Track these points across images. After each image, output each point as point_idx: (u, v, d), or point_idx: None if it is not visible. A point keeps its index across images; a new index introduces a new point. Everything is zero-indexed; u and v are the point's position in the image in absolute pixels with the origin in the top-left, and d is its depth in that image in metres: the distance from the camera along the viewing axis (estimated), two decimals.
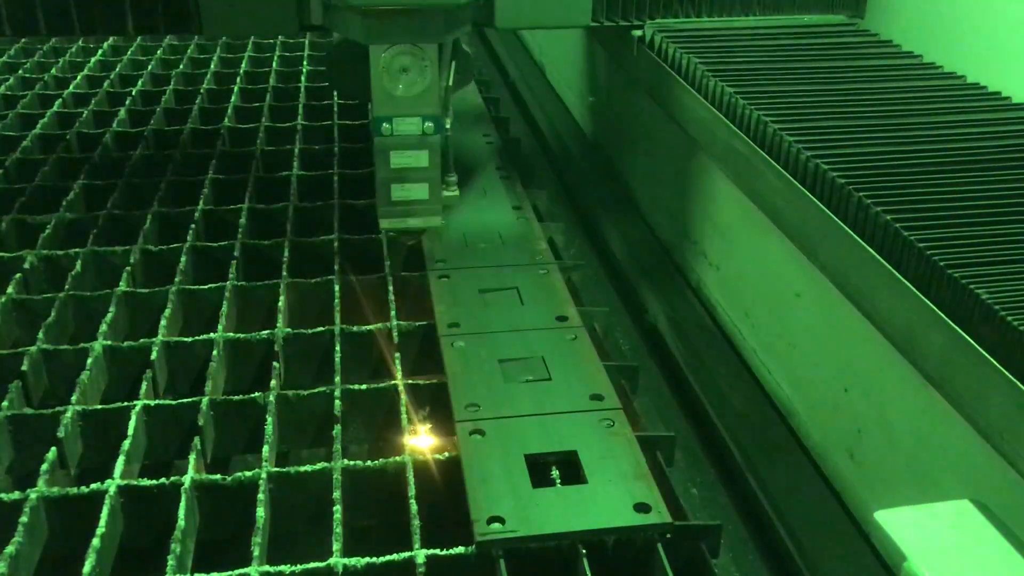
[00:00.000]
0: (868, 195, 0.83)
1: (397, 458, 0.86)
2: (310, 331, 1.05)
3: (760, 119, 0.99)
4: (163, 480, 0.83)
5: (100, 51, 2.06)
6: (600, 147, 1.75)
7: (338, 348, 1.02)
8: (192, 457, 0.87)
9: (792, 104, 1.04)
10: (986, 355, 0.65)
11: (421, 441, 0.93)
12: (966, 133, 0.97)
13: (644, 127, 1.46)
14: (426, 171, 1.08)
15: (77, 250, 1.21)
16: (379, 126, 1.06)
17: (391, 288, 1.14)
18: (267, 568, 0.74)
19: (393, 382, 0.97)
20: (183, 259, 1.19)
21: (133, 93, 1.80)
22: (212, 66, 1.96)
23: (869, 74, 1.14)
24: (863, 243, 0.80)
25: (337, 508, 0.80)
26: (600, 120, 1.75)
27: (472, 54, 1.13)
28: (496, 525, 0.76)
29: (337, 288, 1.13)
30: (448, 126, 1.10)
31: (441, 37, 1.02)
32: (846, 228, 0.82)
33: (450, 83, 1.08)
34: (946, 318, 0.69)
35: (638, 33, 1.28)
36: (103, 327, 1.05)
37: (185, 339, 1.04)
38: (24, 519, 0.79)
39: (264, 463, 0.86)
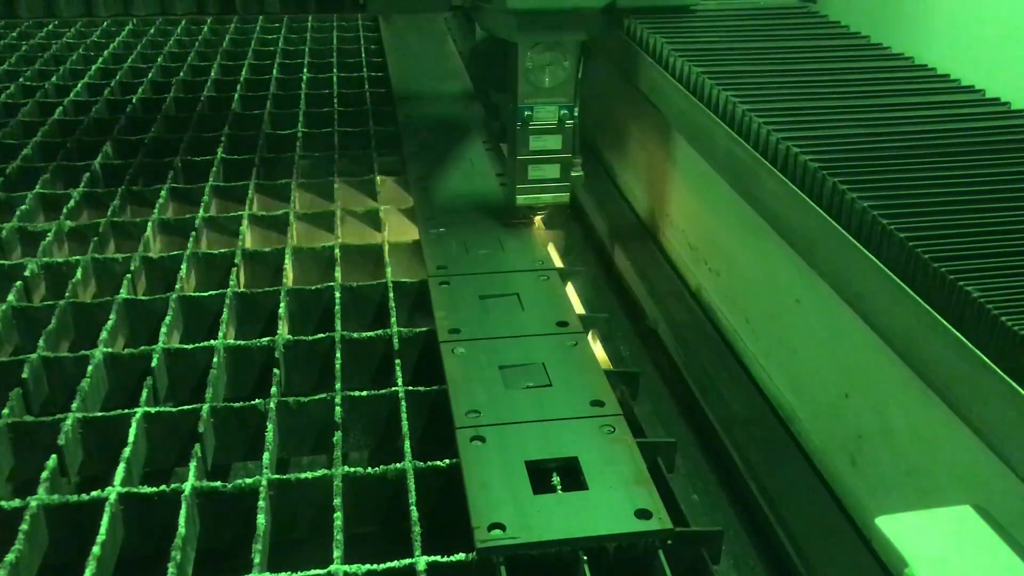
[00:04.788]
0: (843, 181, 0.84)
1: (398, 465, 0.86)
2: (310, 338, 1.05)
3: (729, 99, 1.03)
4: (163, 487, 0.83)
5: (100, 58, 2.07)
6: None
7: (339, 355, 1.02)
8: (192, 464, 0.87)
9: (756, 84, 1.08)
10: (986, 360, 0.65)
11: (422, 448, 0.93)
12: (925, 116, 1.00)
13: (622, 108, 1.49)
14: (559, 153, 1.23)
15: (78, 257, 1.21)
16: (522, 113, 1.20)
17: (391, 295, 1.14)
18: (268, 575, 0.74)
19: (394, 389, 0.97)
20: (183, 266, 1.19)
21: (133, 100, 1.80)
22: (212, 73, 1.97)
23: (825, 54, 1.19)
24: (863, 248, 0.80)
25: (338, 515, 0.80)
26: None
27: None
28: (497, 532, 0.76)
29: (338, 295, 1.13)
30: (576, 115, 1.23)
31: (582, 35, 1.19)
32: (847, 233, 0.82)
33: (580, 76, 1.21)
34: (946, 323, 0.69)
35: None
36: (103, 334, 1.05)
37: (185, 346, 1.04)
38: (24, 527, 0.78)
39: (265, 470, 0.86)
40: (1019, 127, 0.98)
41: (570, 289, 1.23)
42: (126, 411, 0.93)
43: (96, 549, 0.76)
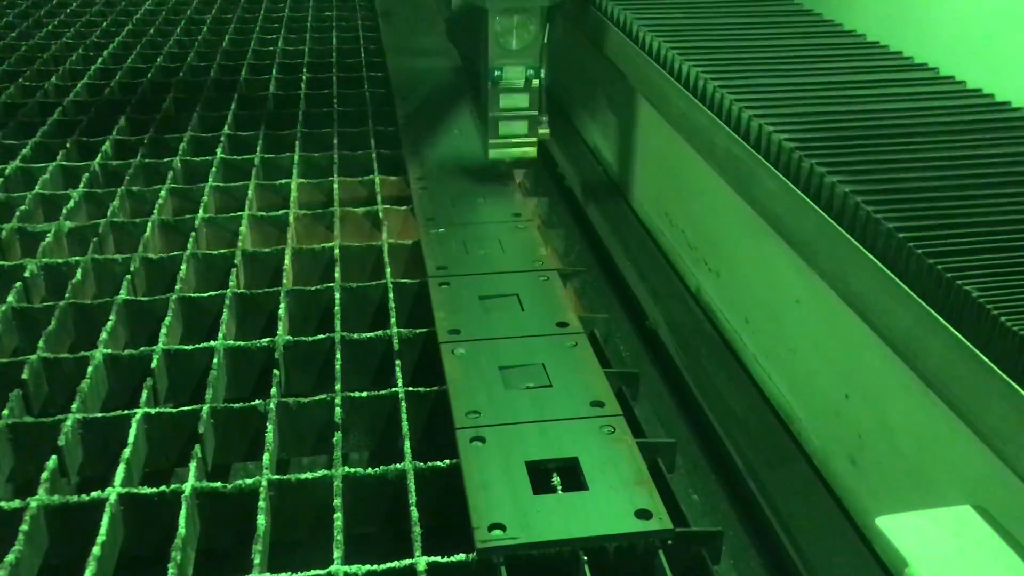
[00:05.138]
0: (820, 163, 0.87)
1: (398, 465, 0.86)
2: (310, 339, 1.05)
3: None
4: (163, 488, 0.83)
5: (100, 59, 2.07)
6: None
7: (338, 355, 1.02)
8: (193, 465, 0.87)
9: (725, 60, 1.16)
10: (986, 360, 0.65)
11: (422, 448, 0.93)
12: (888, 94, 1.06)
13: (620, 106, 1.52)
14: (526, 111, 1.35)
15: (78, 258, 1.21)
16: (492, 74, 1.32)
17: (391, 295, 1.14)
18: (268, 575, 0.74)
19: (394, 389, 0.97)
20: (183, 267, 1.19)
21: (133, 101, 1.80)
22: (212, 73, 1.97)
23: (774, 30, 1.28)
24: (863, 248, 0.80)
25: (338, 515, 0.80)
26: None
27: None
28: (497, 532, 0.76)
29: (337, 296, 1.13)
30: (543, 75, 1.34)
31: (548, 0, 1.29)
32: (847, 234, 0.82)
33: (546, 40, 1.31)
34: (946, 323, 0.70)
35: None
36: (103, 335, 1.05)
37: (185, 347, 1.04)
38: (24, 527, 0.79)
39: (265, 471, 0.86)
40: (976, 107, 1.03)
41: (570, 290, 1.23)
42: (126, 412, 0.93)
43: (96, 549, 0.76)
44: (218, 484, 0.84)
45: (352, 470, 0.85)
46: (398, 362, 1.01)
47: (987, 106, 1.04)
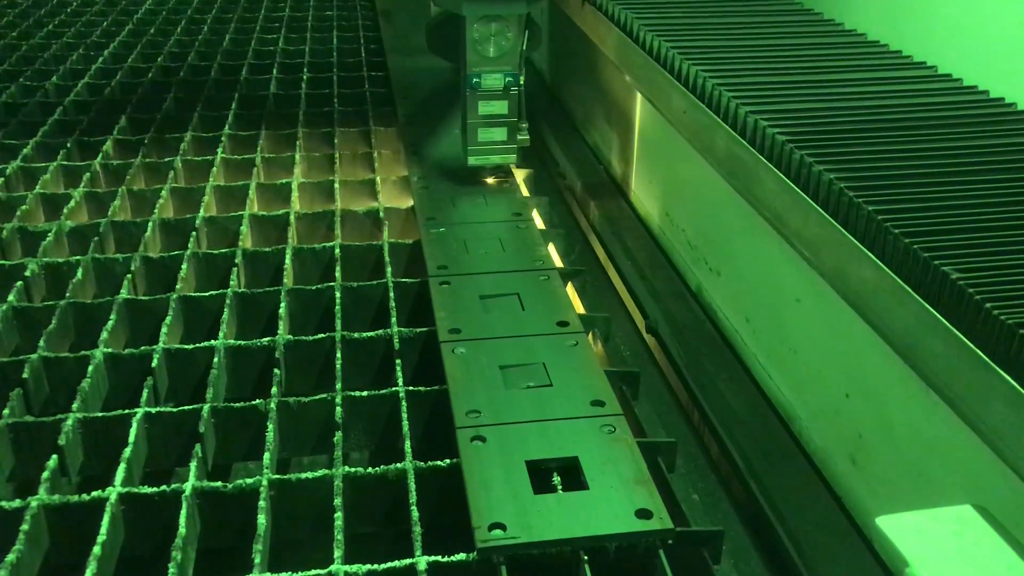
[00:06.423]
0: (809, 154, 0.88)
1: (398, 465, 0.86)
2: (311, 338, 1.05)
3: (699, 74, 1.10)
4: (164, 488, 0.83)
5: (100, 58, 2.07)
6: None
7: (339, 355, 1.02)
8: (193, 464, 0.87)
9: (724, 59, 1.16)
10: (986, 359, 0.65)
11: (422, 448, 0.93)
12: (882, 91, 1.06)
13: (621, 108, 1.49)
14: (505, 117, 1.35)
15: (78, 257, 1.21)
16: (471, 80, 1.32)
17: (392, 295, 1.14)
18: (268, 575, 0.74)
19: (394, 389, 0.97)
20: (184, 266, 1.20)
21: (134, 101, 1.80)
22: (212, 73, 1.97)
23: (779, 30, 1.29)
24: (863, 247, 0.80)
25: (338, 515, 0.80)
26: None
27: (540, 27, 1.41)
28: (497, 532, 0.76)
29: (338, 295, 1.13)
30: (522, 82, 1.34)
31: (524, 8, 1.29)
32: (847, 233, 0.82)
33: (524, 47, 1.31)
34: (946, 322, 0.70)
35: None
36: (104, 335, 1.05)
37: (186, 346, 1.04)
38: (25, 527, 0.79)
39: (265, 470, 0.86)
40: (969, 102, 1.04)
41: (570, 289, 1.23)
42: (127, 411, 0.93)
43: (97, 549, 0.76)
44: (218, 484, 0.84)
45: (352, 469, 0.85)
46: (398, 361, 1.02)
47: (980, 102, 1.04)
